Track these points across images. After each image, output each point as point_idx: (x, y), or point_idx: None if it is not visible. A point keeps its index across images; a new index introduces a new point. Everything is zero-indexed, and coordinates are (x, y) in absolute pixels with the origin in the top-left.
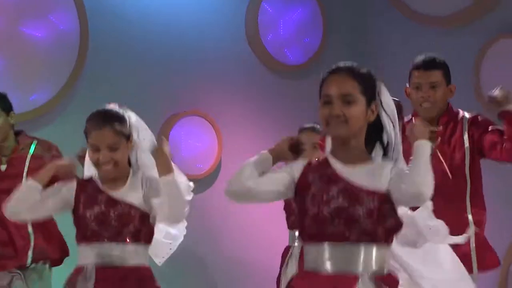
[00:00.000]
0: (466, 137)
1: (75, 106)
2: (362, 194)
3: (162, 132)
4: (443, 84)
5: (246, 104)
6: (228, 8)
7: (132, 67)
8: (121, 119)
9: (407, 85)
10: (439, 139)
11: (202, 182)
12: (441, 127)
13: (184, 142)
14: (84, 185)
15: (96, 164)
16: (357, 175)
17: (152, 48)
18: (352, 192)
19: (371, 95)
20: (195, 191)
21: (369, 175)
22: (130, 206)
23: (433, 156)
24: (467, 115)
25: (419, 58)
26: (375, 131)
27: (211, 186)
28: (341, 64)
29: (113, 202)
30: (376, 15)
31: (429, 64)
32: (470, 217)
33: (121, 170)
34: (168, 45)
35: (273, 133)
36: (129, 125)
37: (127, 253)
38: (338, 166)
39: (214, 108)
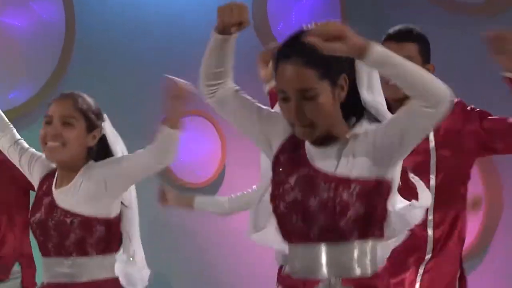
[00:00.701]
0: (431, 135)
1: None
2: (319, 181)
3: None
4: (418, 60)
5: None
6: None
7: (124, 62)
8: (89, 102)
9: None
10: None
11: (203, 192)
12: None
13: (183, 146)
14: (46, 178)
15: (43, 140)
16: (323, 157)
17: (148, 41)
18: (309, 180)
19: (336, 70)
20: None
21: (335, 155)
22: (66, 213)
23: None
24: None
25: (393, 28)
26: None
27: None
28: (290, 42)
29: (52, 208)
30: (402, 2)
31: (402, 35)
32: (430, 232)
33: (69, 160)
34: (165, 38)
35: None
36: (99, 119)
37: (76, 268)
38: (309, 147)
39: None
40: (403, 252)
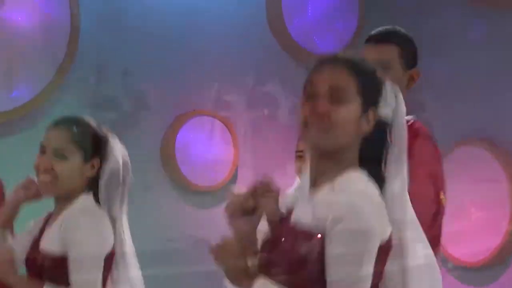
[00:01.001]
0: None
1: (63, 105)
2: (286, 231)
3: (167, 135)
4: (399, 65)
5: (267, 102)
6: None
7: (132, 59)
8: (87, 128)
9: None
10: None
11: (215, 195)
12: None
13: (194, 147)
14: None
15: (36, 171)
16: (306, 203)
17: (152, 41)
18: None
19: (371, 99)
20: (207, 205)
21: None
22: (39, 251)
23: None
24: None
25: (375, 29)
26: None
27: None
28: (338, 54)
29: (35, 243)
30: None
31: (382, 37)
32: None
33: (64, 193)
34: (174, 34)
35: (298, 135)
36: (101, 146)
37: None
38: (304, 188)
39: (229, 107)
40: None
